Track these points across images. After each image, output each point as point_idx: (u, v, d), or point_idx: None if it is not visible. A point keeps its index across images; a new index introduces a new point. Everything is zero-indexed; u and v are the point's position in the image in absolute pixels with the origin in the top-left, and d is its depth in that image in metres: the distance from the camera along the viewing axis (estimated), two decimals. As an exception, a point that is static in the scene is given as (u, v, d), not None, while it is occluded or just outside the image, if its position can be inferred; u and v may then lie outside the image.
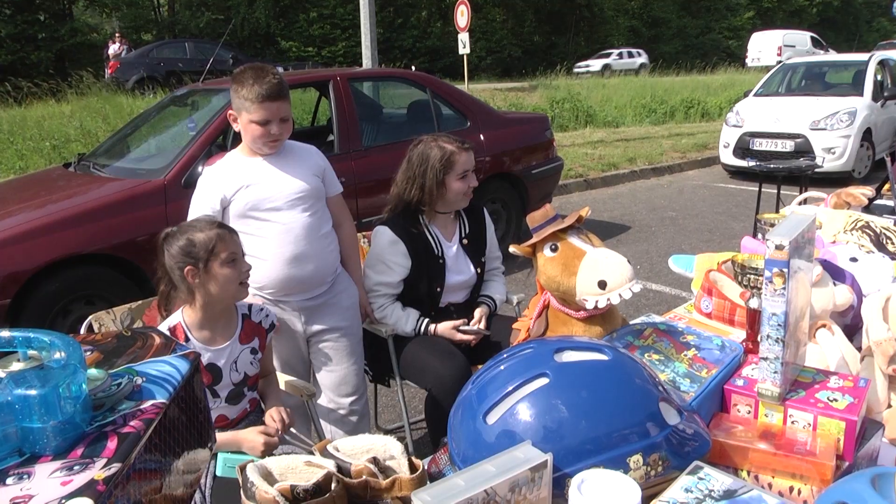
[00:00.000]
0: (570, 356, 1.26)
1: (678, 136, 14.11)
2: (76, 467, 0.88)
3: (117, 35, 20.27)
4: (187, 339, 2.13)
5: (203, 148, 4.77)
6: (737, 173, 10.67)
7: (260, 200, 2.47)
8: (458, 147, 2.73)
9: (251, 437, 2.06)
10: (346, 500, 1.36)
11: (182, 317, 2.15)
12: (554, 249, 1.72)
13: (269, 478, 1.36)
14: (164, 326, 2.14)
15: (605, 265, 1.66)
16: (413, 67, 17.74)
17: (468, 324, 2.81)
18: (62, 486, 0.84)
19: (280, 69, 11.78)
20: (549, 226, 1.75)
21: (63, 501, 0.81)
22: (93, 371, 1.05)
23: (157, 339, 1.23)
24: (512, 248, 1.86)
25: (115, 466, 0.88)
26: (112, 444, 0.93)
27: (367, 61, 12.07)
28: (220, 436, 2.10)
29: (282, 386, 2.57)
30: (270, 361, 2.46)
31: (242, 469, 1.34)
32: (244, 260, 2.17)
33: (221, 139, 5.86)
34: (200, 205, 2.50)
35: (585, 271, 1.66)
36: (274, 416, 2.18)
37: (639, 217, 8.20)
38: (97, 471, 0.87)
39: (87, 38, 22.59)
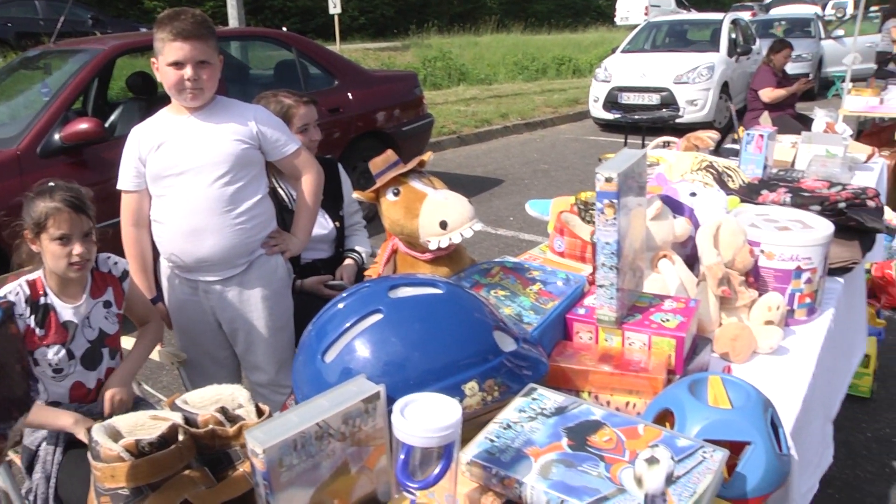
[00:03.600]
0: (404, 292, 1.27)
1: (550, 91, 14.40)
2: None
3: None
4: (45, 294, 2.08)
5: (59, 114, 4.49)
6: (607, 126, 11.04)
7: (167, 165, 2.28)
8: (297, 100, 2.70)
9: (68, 420, 2.01)
10: (195, 451, 1.34)
11: (42, 273, 2.10)
12: (396, 194, 1.73)
13: (117, 437, 1.32)
14: (23, 279, 2.08)
15: (446, 206, 1.68)
16: (285, 28, 17.23)
17: (335, 279, 2.80)
18: None
19: (143, 29, 10.92)
20: (390, 171, 1.76)
21: None
22: None
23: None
24: (355, 194, 1.85)
25: None
26: None
27: (232, 21, 11.66)
28: (39, 410, 2.05)
29: (154, 355, 2.49)
30: (144, 308, 2.37)
31: (89, 430, 1.30)
32: (84, 242, 2.04)
33: (81, 104, 5.56)
34: (125, 166, 2.36)
35: (427, 213, 1.68)
36: (113, 399, 2.13)
37: (512, 171, 8.34)
38: None
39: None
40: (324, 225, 2.80)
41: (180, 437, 1.30)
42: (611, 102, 10.75)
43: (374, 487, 1.14)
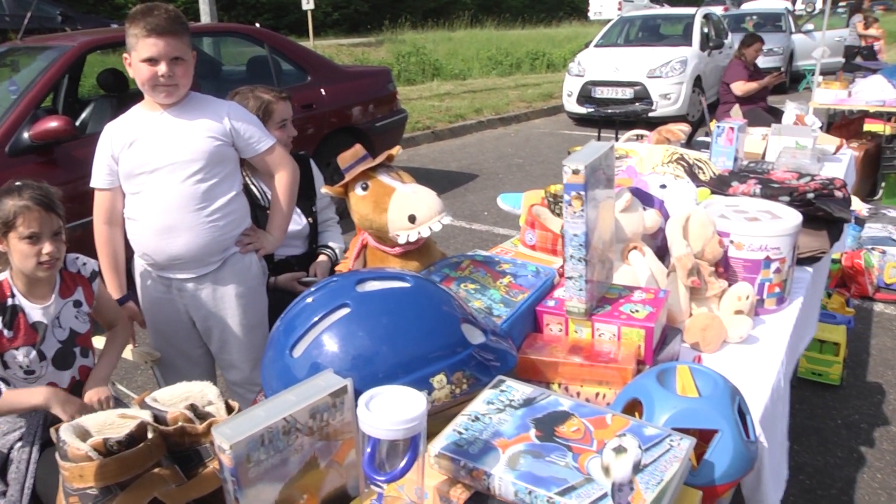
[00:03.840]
0: (371, 286, 1.26)
1: (524, 86, 14.44)
2: None
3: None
4: (13, 295, 2.04)
5: (28, 112, 4.41)
6: (581, 120, 11.10)
7: (140, 162, 2.26)
8: (276, 96, 2.69)
9: (39, 397, 1.99)
10: (164, 448, 1.33)
11: (9, 273, 2.06)
12: (365, 188, 1.73)
13: (85, 436, 1.31)
14: None
15: (414, 200, 1.68)
16: (258, 24, 17.07)
17: (309, 275, 2.79)
18: None
19: (114, 25, 10.71)
20: (359, 165, 1.75)
21: None
22: None
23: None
24: (323, 189, 1.85)
25: None
26: None
27: (204, 16, 11.56)
28: (9, 394, 2.02)
29: (127, 354, 2.46)
30: (113, 312, 2.35)
31: (57, 430, 1.28)
32: (54, 241, 2.01)
33: (51, 102, 5.47)
34: (97, 164, 2.34)
35: (395, 207, 1.68)
36: (92, 399, 2.10)
37: (486, 165, 8.35)
38: None
39: None
40: (297, 221, 2.78)
41: (149, 436, 1.29)
42: (584, 97, 10.80)
43: (344, 482, 1.14)
